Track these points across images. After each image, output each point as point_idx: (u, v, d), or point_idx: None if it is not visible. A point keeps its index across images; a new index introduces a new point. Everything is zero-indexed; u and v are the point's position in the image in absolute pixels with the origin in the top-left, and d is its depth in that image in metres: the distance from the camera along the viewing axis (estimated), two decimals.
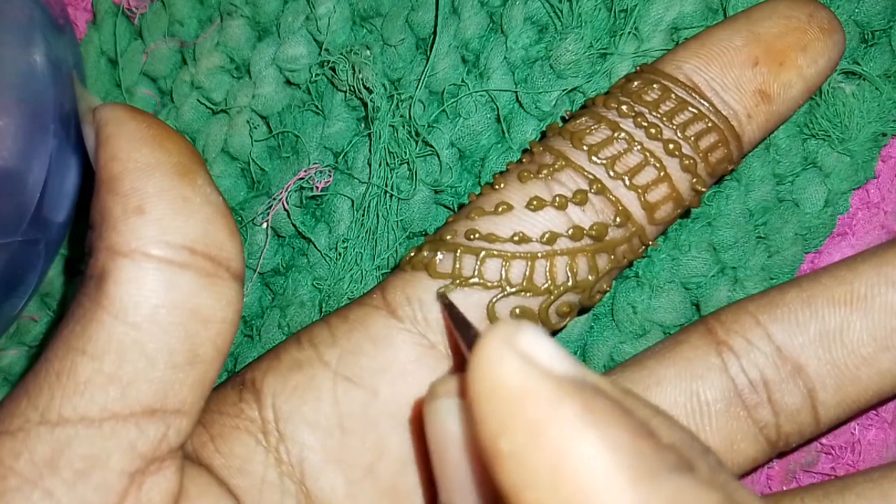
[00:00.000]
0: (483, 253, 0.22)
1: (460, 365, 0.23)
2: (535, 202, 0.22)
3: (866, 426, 0.27)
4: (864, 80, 0.26)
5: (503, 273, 0.22)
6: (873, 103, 0.26)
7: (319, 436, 0.22)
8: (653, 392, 0.23)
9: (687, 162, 0.23)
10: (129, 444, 0.19)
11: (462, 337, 0.20)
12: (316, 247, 0.28)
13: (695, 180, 0.23)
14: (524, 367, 0.15)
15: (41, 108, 0.25)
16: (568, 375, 0.15)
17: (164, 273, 0.20)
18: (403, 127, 0.27)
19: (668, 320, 0.27)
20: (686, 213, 0.26)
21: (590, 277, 0.23)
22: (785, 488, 0.28)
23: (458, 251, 0.22)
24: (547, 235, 0.22)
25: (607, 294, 0.26)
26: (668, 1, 0.26)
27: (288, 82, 0.28)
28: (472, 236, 0.22)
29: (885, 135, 0.27)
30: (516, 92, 0.27)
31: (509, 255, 0.22)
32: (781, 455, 0.26)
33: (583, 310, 0.26)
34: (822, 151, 0.27)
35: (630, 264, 0.25)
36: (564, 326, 0.24)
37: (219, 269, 0.20)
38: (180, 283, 0.20)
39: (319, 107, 0.28)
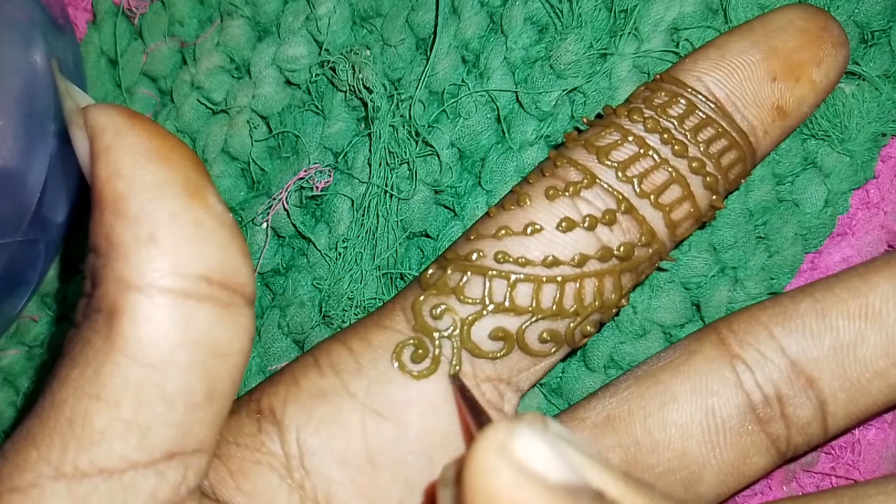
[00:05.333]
0: (514, 278, 0.22)
1: None
2: (565, 223, 0.22)
3: (866, 426, 0.27)
4: (863, 80, 0.26)
5: (534, 298, 0.22)
6: (873, 103, 0.26)
7: (349, 471, 0.21)
8: (669, 409, 0.23)
9: (710, 179, 0.23)
10: (150, 494, 0.18)
11: (474, 422, 0.19)
12: (316, 247, 0.28)
13: (714, 197, 0.23)
14: (516, 478, 0.14)
15: (41, 107, 0.25)
16: (563, 483, 0.14)
17: (182, 308, 0.18)
18: (403, 127, 0.27)
19: (668, 320, 0.27)
20: (701, 227, 0.25)
21: (613, 297, 0.22)
22: (785, 488, 0.28)
23: (489, 275, 0.22)
24: (577, 258, 0.22)
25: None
26: (668, 1, 0.26)
27: (288, 82, 0.28)
28: (502, 259, 0.22)
29: (884, 135, 0.27)
30: (516, 92, 0.27)
31: (542, 279, 0.22)
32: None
33: None
34: (821, 151, 0.27)
35: (646, 279, 0.25)
36: (586, 343, 0.23)
37: (234, 298, 0.19)
38: (198, 318, 0.19)
39: (319, 107, 0.28)
